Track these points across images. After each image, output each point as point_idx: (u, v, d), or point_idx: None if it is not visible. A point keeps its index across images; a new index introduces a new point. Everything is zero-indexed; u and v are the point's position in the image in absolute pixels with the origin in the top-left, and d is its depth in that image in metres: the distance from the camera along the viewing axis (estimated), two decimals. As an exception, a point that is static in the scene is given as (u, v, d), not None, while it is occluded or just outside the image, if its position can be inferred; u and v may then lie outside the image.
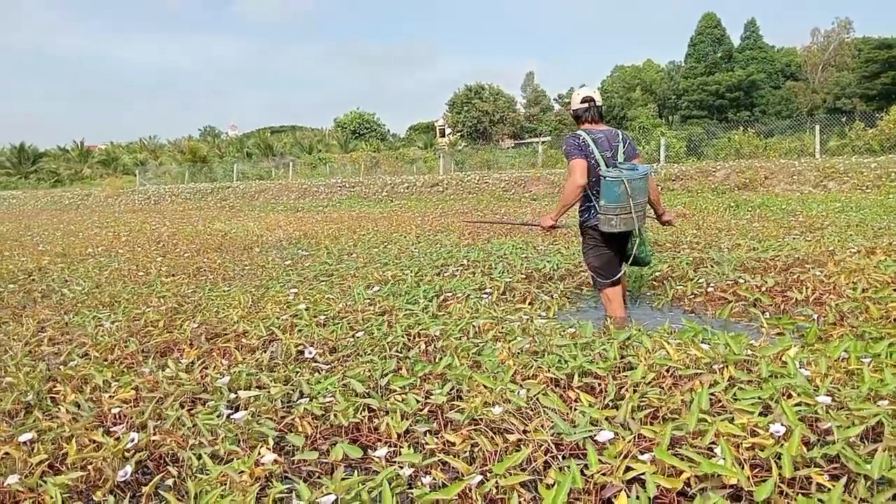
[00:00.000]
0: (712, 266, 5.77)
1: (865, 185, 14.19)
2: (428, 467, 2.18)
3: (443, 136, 66.01)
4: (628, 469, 2.01)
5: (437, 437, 2.39)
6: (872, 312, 3.78)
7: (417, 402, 2.66)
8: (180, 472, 2.33)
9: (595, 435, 2.21)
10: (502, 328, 3.83)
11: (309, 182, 25.95)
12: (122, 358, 3.68)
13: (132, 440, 2.47)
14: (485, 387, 2.72)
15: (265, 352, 3.60)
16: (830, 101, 54.34)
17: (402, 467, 2.13)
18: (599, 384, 2.90)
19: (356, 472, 2.26)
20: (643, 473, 1.98)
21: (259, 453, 2.30)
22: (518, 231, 9.58)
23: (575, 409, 2.51)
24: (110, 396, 2.98)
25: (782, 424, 2.18)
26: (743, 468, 1.99)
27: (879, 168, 14.75)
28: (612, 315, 4.46)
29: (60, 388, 3.17)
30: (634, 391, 2.69)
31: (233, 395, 2.94)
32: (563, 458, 2.22)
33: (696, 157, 23.87)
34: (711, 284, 5.07)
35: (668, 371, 2.94)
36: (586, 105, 4.47)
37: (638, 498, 1.91)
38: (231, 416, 2.63)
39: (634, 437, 2.23)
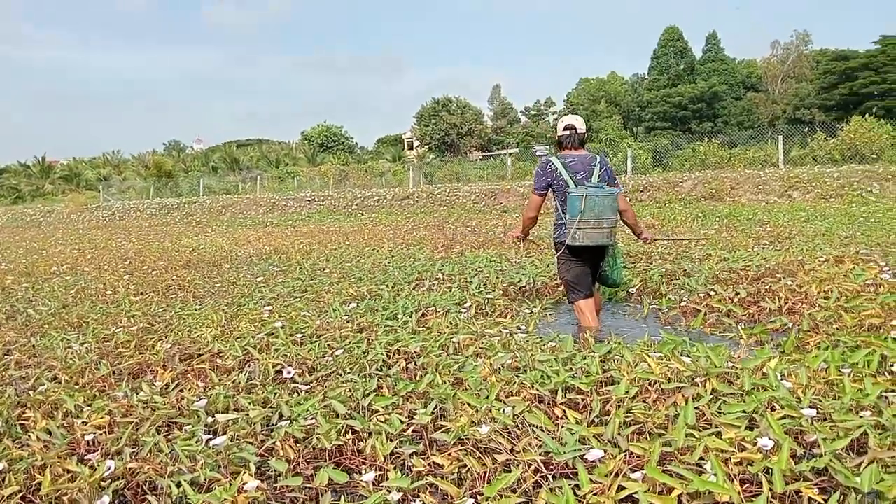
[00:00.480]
0: (684, 278, 5.82)
1: (829, 195, 14.50)
2: (417, 491, 2.14)
3: (411, 148, 65.99)
4: (620, 488, 2.00)
5: (423, 459, 2.35)
6: (846, 321, 3.83)
7: (401, 422, 2.62)
8: (160, 501, 2.26)
9: (584, 454, 2.19)
10: (482, 343, 3.81)
11: (277, 196, 25.76)
12: (94, 381, 3.57)
13: (108, 468, 2.39)
14: (469, 405, 2.69)
15: (242, 372, 3.52)
16: (790, 112, 55.49)
17: (389, 492, 2.09)
18: (584, 400, 2.89)
19: (342, 497, 2.21)
20: (636, 492, 1.97)
21: (241, 480, 2.24)
22: (491, 243, 9.59)
23: (562, 427, 2.49)
24: (83, 422, 2.88)
25: (770, 438, 2.18)
26: (733, 483, 1.98)
27: (842, 177, 15.09)
28: (584, 326, 4.58)
29: (30, 414, 3.06)
30: (619, 406, 2.68)
31: (210, 419, 2.86)
32: (554, 478, 2.20)
33: (661, 168, 24.20)
34: (684, 300, 5.09)
35: (651, 385, 2.94)
36: (568, 133, 4.69)
37: (632, 518, 1.89)
38: (210, 442, 2.56)
39: (624, 455, 2.21)
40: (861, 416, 2.36)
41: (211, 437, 2.64)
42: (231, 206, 25.30)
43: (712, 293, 5.10)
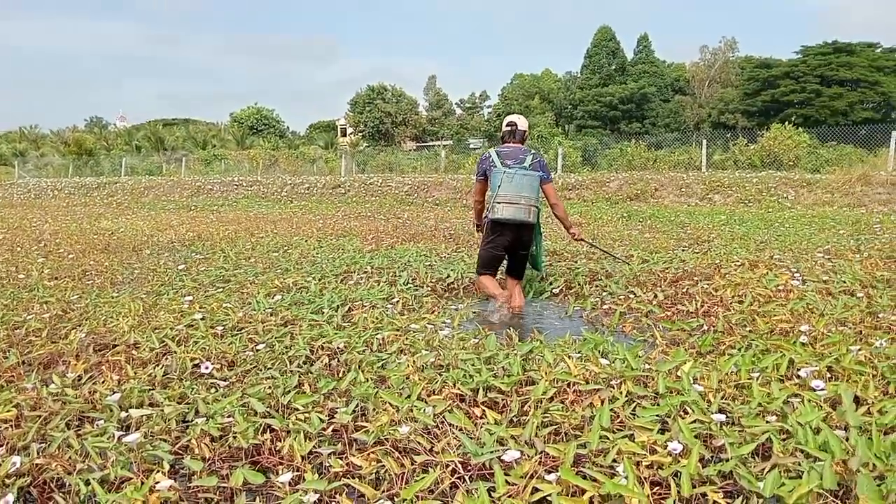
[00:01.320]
0: (606, 279, 5.95)
1: (748, 199, 15.09)
2: (333, 492, 2.13)
3: (344, 135, 65.35)
4: (535, 490, 2.03)
5: (342, 459, 2.33)
6: (759, 325, 3.98)
7: (321, 421, 2.60)
8: (67, 499, 2.18)
9: (502, 455, 2.22)
10: (407, 340, 3.81)
11: (203, 179, 25.08)
12: (2, 372, 3.40)
13: (14, 465, 2.29)
14: (391, 405, 2.69)
15: (158, 366, 3.43)
16: (715, 116, 57.44)
17: (306, 493, 2.07)
18: (503, 399, 2.93)
19: (258, 498, 2.18)
20: (549, 494, 2.01)
21: (154, 479, 2.18)
22: (422, 236, 9.59)
23: (481, 427, 2.52)
24: (-13, 416, 2.75)
25: (679, 442, 2.26)
26: (644, 486, 2.05)
27: (760, 183, 15.72)
28: (487, 293, 5.31)
29: (-72, 407, 2.90)
30: (537, 407, 2.73)
31: (124, 414, 2.77)
32: (471, 479, 2.22)
33: (590, 167, 24.72)
34: (607, 302, 5.21)
35: (569, 386, 3.01)
36: (510, 129, 5.37)
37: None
38: (122, 438, 2.48)
39: (540, 456, 2.25)
40: (767, 421, 2.46)
41: (124, 433, 2.56)
42: (154, 188, 24.51)
43: (631, 296, 5.23)
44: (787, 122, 21.60)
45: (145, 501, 2.07)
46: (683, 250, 7.56)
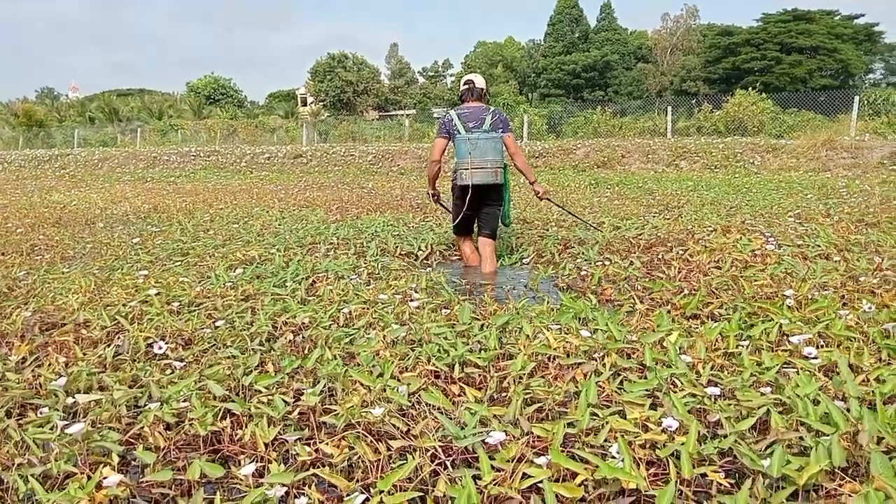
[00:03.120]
0: (579, 246, 5.80)
1: (714, 165, 15.09)
2: (301, 484, 1.93)
3: (305, 105, 64.04)
4: (525, 476, 1.86)
5: (310, 446, 2.13)
6: (745, 288, 3.85)
7: (286, 404, 2.39)
8: (5, 498, 1.95)
9: (486, 437, 2.04)
10: (375, 313, 3.60)
11: (159, 150, 24.35)
12: (-65, 356, 3.13)
13: (-56, 461, 2.05)
14: (362, 384, 2.49)
15: (109, 346, 3.18)
16: (677, 84, 57.56)
17: (272, 486, 1.87)
18: (481, 375, 2.76)
19: (218, 492, 1.97)
20: (541, 481, 1.84)
21: (101, 474, 1.95)
22: (389, 206, 9.35)
23: (461, 405, 2.34)
24: (-85, 406, 2.49)
25: (674, 419, 2.11)
26: (640, 468, 1.89)
27: (727, 149, 15.73)
28: (466, 265, 5.58)
29: None
30: (518, 383, 2.56)
31: (70, 400, 2.53)
32: (454, 465, 2.04)
33: (555, 135, 24.54)
34: (583, 269, 5.04)
35: (550, 360, 2.84)
36: (467, 87, 5.37)
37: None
38: (66, 429, 2.24)
39: (527, 438, 2.08)
40: (762, 393, 2.33)
41: (69, 422, 2.32)
42: (108, 160, 23.70)
43: (607, 262, 5.08)
44: (749, 89, 21.63)
45: (92, 499, 1.85)
46: (654, 216, 7.45)
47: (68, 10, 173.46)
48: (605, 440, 2.05)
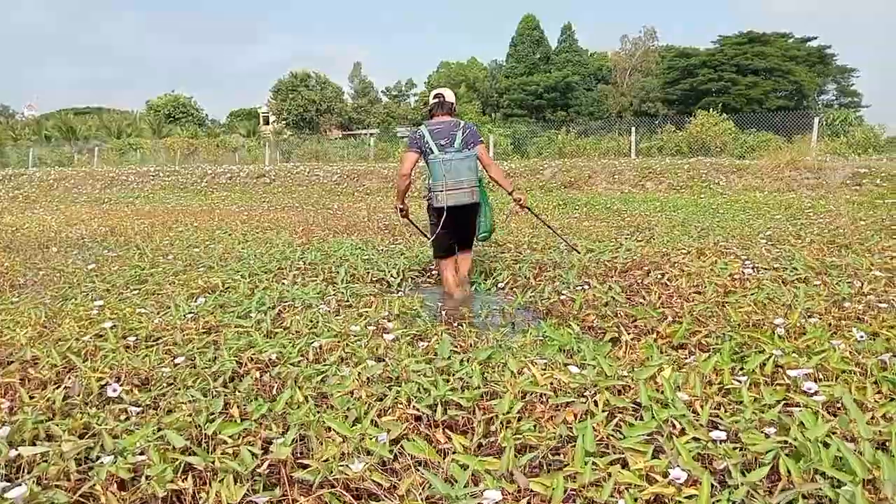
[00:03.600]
0: (556, 270, 5.66)
1: (680, 186, 15.18)
2: (275, 554, 1.72)
3: (267, 123, 63.45)
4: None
5: (283, 507, 1.92)
6: (731, 316, 3.73)
7: (254, 457, 2.17)
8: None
9: (481, 499, 1.84)
10: (348, 347, 3.40)
11: (117, 170, 23.72)
12: None
13: None
14: (337, 433, 2.28)
15: (59, 387, 2.91)
16: (636, 105, 58.42)
17: (241, 558, 1.65)
18: (466, 417, 2.57)
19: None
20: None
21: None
22: (356, 228, 9.13)
23: (448, 455, 2.14)
24: None
25: (682, 469, 1.94)
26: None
27: (692, 169, 15.86)
28: (446, 292, 5.35)
29: None
30: (506, 427, 2.38)
31: (13, 453, 2.28)
32: (445, 530, 1.85)
33: (520, 155, 24.57)
34: (563, 293, 4.87)
35: (537, 398, 2.67)
36: (437, 101, 5.30)
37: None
38: (7, 493, 1.99)
39: (525, 498, 1.90)
40: (767, 436, 2.18)
41: (9, 484, 2.07)
42: (64, 180, 23.00)
43: (586, 286, 4.93)
44: (710, 109, 21.93)
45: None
46: (627, 238, 7.36)
47: (25, 22, 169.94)
48: (611, 495, 1.87)
